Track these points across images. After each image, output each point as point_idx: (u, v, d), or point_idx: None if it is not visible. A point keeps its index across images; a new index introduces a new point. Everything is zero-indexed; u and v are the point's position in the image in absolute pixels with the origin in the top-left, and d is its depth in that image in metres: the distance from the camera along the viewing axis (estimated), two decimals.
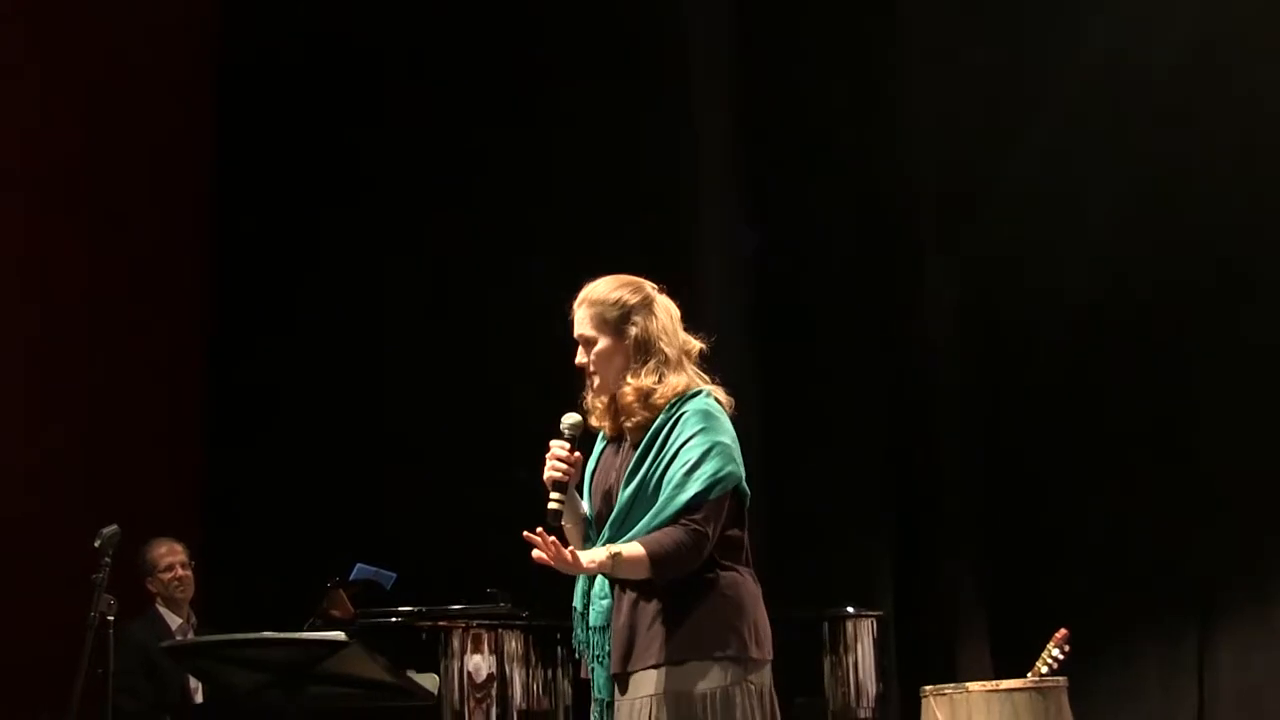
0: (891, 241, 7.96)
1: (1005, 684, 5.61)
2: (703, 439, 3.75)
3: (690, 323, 3.99)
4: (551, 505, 3.80)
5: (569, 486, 3.83)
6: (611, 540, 3.78)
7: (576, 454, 3.85)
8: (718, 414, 3.83)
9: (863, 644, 6.16)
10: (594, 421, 3.93)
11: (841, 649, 6.11)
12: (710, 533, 3.73)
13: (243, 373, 8.65)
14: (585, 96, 8.16)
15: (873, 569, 7.64)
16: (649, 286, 3.96)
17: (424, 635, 5.75)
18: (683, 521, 3.71)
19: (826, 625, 6.14)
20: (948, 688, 5.66)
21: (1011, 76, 7.59)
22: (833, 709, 6.11)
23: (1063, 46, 7.53)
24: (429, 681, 5.26)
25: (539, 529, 3.70)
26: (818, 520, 7.76)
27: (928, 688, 5.70)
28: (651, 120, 8.06)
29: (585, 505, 3.95)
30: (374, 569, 6.20)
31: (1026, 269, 7.56)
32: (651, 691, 3.69)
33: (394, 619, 5.96)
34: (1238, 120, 7.22)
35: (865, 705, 6.14)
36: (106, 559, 5.27)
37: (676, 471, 3.74)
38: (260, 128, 8.85)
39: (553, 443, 3.83)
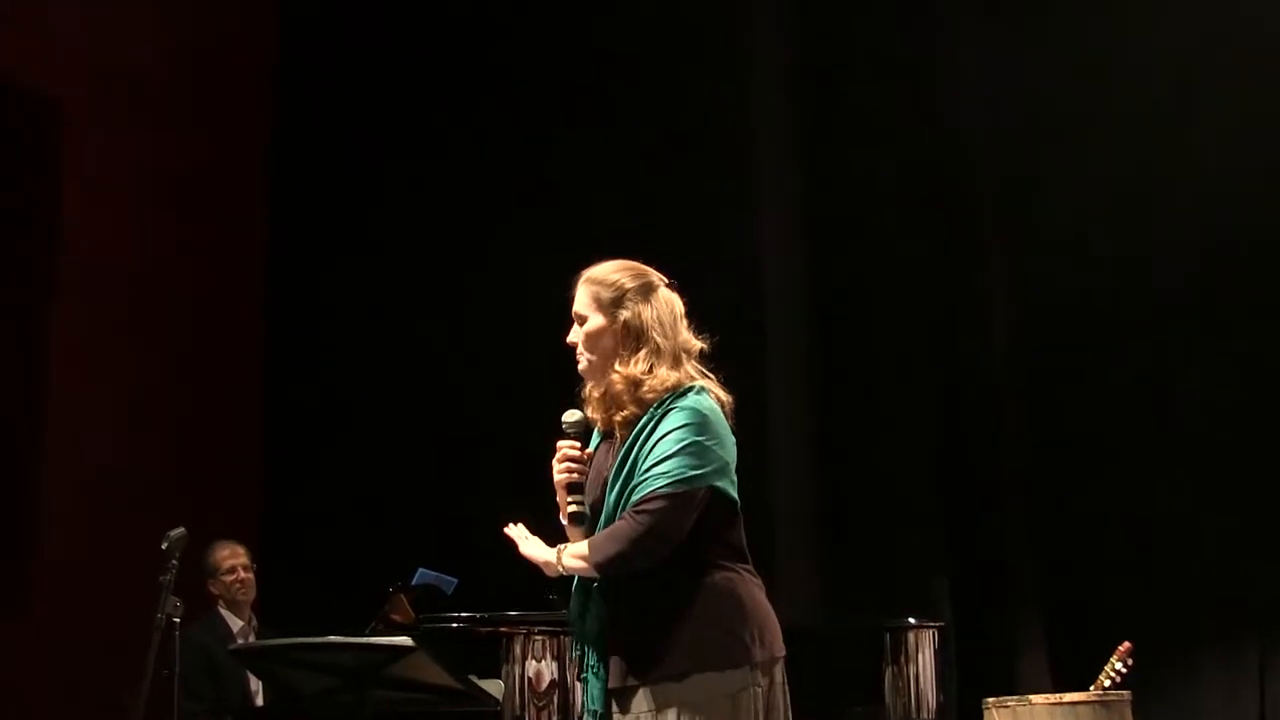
0: (947, 238, 7.92)
1: (1069, 697, 5.60)
2: (679, 435, 3.62)
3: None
4: (573, 509, 3.75)
5: (583, 488, 3.76)
6: None
7: (586, 450, 3.80)
8: (707, 412, 3.68)
9: (924, 654, 6.12)
10: (590, 413, 3.80)
11: (903, 659, 6.08)
12: (658, 526, 3.58)
13: (305, 377, 8.69)
14: (640, 87, 8.18)
15: (931, 578, 7.61)
16: (654, 275, 3.86)
17: (485, 641, 5.77)
18: (626, 514, 3.61)
19: (888, 635, 6.11)
20: (1010, 699, 5.64)
21: (1070, 71, 7.54)
22: (893, 718, 6.08)
23: (1123, 38, 7.46)
24: (494, 688, 5.26)
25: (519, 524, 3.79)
26: (877, 529, 7.74)
27: (990, 699, 5.68)
28: (708, 114, 8.06)
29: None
30: (436, 574, 6.21)
31: (1084, 265, 7.48)
32: (652, 707, 3.59)
33: (455, 624, 5.96)
34: None
35: (926, 716, 6.10)
36: (174, 561, 5.31)
37: (644, 465, 3.63)
38: (319, 126, 8.92)
39: (561, 444, 3.77)
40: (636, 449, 3.66)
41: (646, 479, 3.61)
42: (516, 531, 3.86)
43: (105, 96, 8.19)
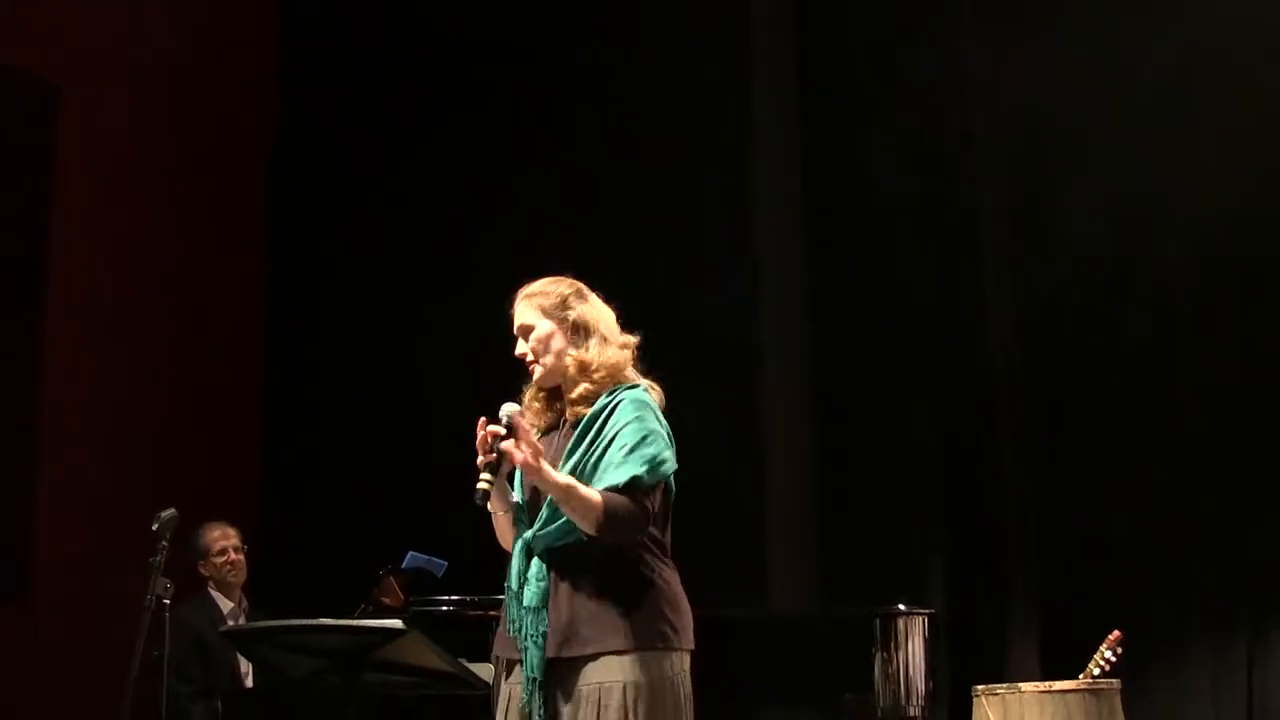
0: (951, 245, 7.93)
1: (1058, 685, 5.59)
2: (639, 425, 3.87)
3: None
4: (481, 485, 3.87)
5: (500, 470, 3.89)
6: (542, 524, 3.88)
7: (511, 439, 3.87)
8: (654, 406, 3.96)
9: (914, 642, 6.13)
10: (530, 418, 4.05)
11: (893, 646, 6.09)
12: (653, 512, 3.85)
13: (299, 359, 8.70)
14: (639, 90, 8.18)
15: (925, 567, 7.63)
16: (580, 284, 4.13)
17: (474, 624, 5.77)
18: (633, 495, 3.81)
19: (878, 622, 6.11)
20: (1000, 687, 5.63)
21: (1074, 84, 7.55)
22: (883, 706, 6.08)
23: (1129, 49, 7.47)
24: (484, 671, 5.27)
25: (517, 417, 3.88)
26: (870, 518, 7.75)
27: (980, 687, 5.68)
28: (707, 118, 8.08)
29: (516, 494, 4.03)
30: (426, 557, 6.21)
31: (1085, 271, 7.53)
32: (598, 681, 3.78)
33: (445, 607, 5.97)
34: None
35: (915, 703, 6.11)
36: (164, 542, 5.30)
37: (615, 454, 3.84)
38: (321, 123, 8.93)
39: (489, 426, 3.89)
40: (592, 434, 3.90)
41: (625, 464, 3.83)
42: (530, 439, 3.89)
43: (106, 88, 8.16)
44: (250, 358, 8.80)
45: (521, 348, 4.08)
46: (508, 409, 3.95)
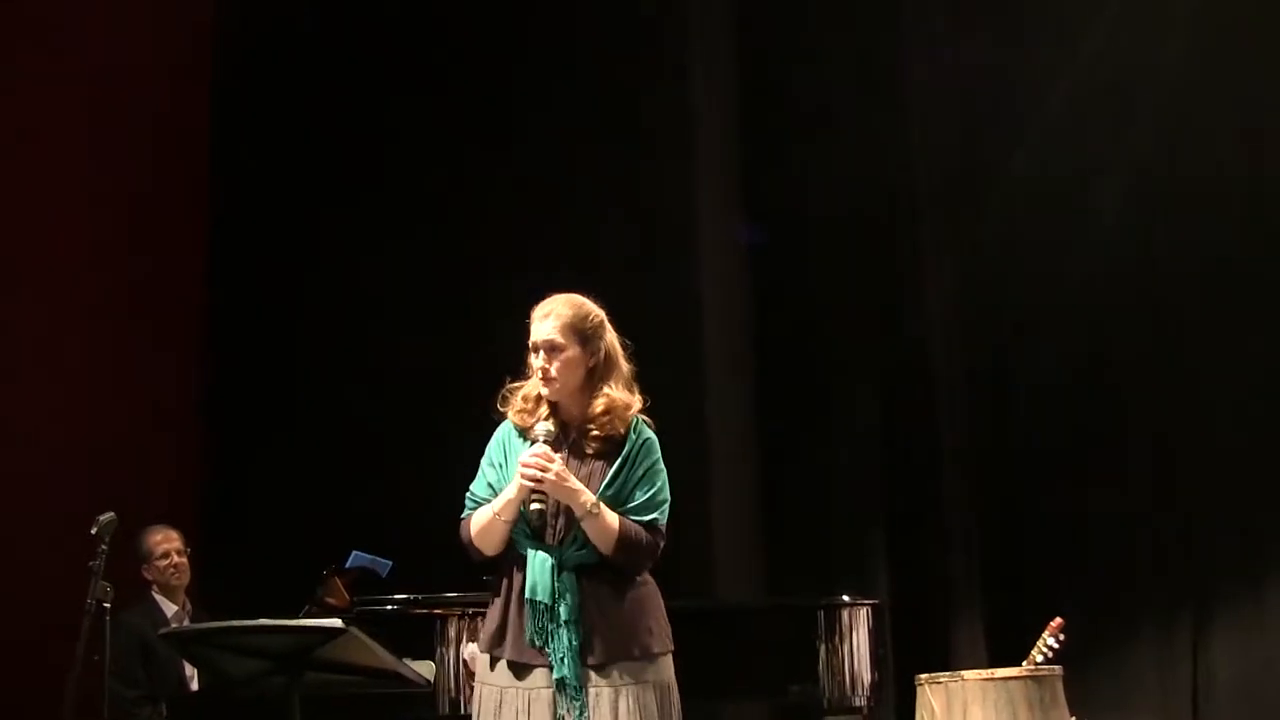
0: (890, 233, 7.97)
1: (1000, 672, 5.61)
2: (661, 470, 4.28)
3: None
4: (535, 506, 4.16)
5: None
6: (577, 545, 4.19)
7: (556, 457, 4.20)
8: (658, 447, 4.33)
9: (858, 632, 6.14)
10: (518, 418, 4.30)
11: (837, 637, 6.10)
12: (659, 552, 4.27)
13: (241, 360, 8.65)
14: (582, 89, 8.18)
15: (868, 557, 7.66)
16: (603, 313, 4.35)
17: (420, 622, 5.77)
18: (650, 531, 4.23)
19: (822, 613, 6.13)
20: (943, 676, 5.65)
21: (1012, 71, 7.60)
22: (828, 697, 6.10)
23: (1064, 38, 7.53)
24: (425, 669, 5.27)
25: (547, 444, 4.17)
26: (814, 509, 7.78)
27: (923, 676, 5.70)
28: (650, 115, 8.09)
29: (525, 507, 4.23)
30: (370, 557, 6.20)
31: (1025, 262, 7.57)
32: (632, 681, 4.16)
33: (390, 606, 5.97)
34: (1243, 116, 7.23)
35: (861, 694, 6.13)
36: (103, 546, 5.28)
37: (644, 493, 4.23)
38: (257, 106, 8.88)
39: (540, 448, 4.18)
40: (629, 466, 4.24)
41: (650, 507, 4.23)
42: (545, 450, 4.18)
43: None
44: (190, 358, 8.75)
45: (543, 361, 4.24)
46: (546, 428, 4.22)
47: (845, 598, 6.25)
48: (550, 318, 4.25)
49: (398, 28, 8.67)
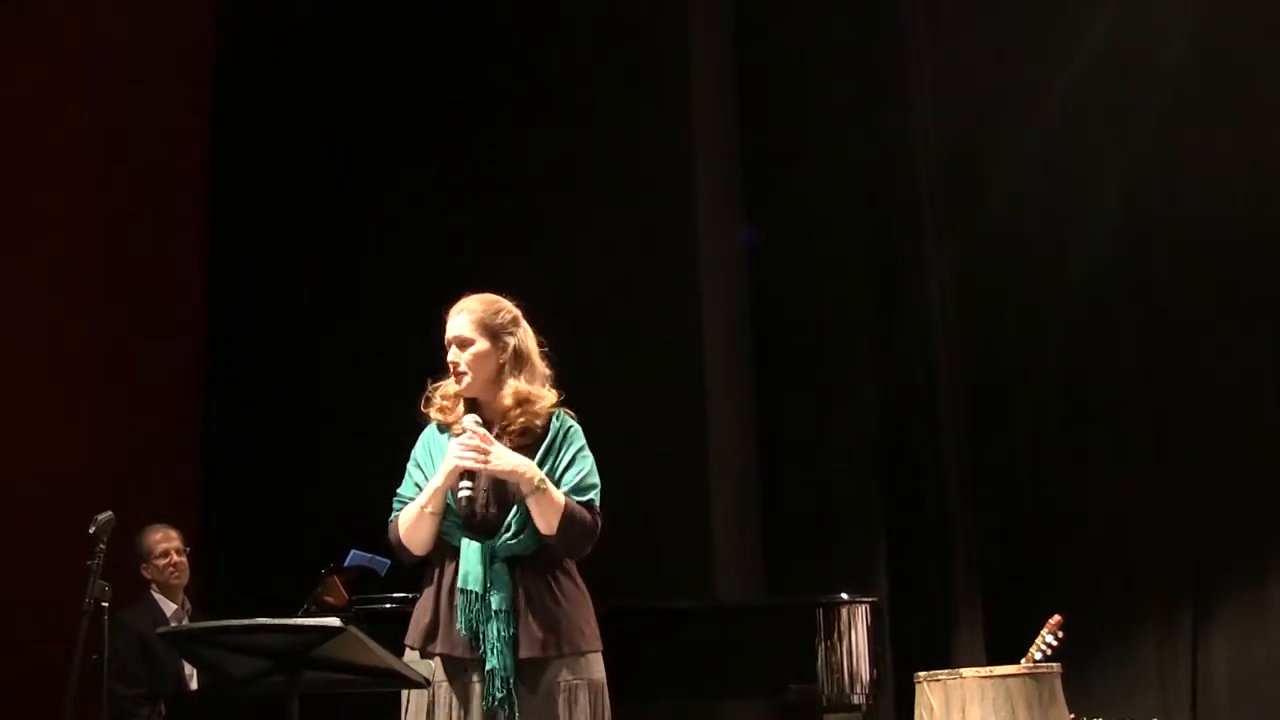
0: (889, 235, 7.97)
1: (999, 670, 5.62)
2: (588, 455, 4.27)
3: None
4: (463, 493, 4.15)
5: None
6: (512, 534, 4.15)
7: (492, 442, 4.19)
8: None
9: (857, 630, 6.14)
10: (439, 415, 4.34)
11: (836, 636, 6.09)
12: (598, 533, 4.22)
13: (241, 359, 8.65)
14: (583, 90, 8.18)
15: (868, 555, 7.66)
16: (518, 311, 4.36)
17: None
18: (589, 511, 4.19)
19: (821, 611, 6.12)
20: (942, 673, 5.66)
21: (1012, 71, 7.61)
22: (827, 695, 6.09)
23: (1065, 39, 7.53)
24: (424, 668, 5.26)
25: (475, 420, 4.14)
26: (813, 507, 7.78)
27: (922, 674, 5.70)
28: (649, 114, 8.09)
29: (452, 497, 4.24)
30: (369, 555, 6.20)
31: (1023, 262, 7.60)
32: (565, 679, 4.15)
33: (388, 605, 5.96)
34: (1243, 114, 7.23)
35: (859, 692, 6.12)
36: (101, 545, 5.28)
37: (574, 477, 4.21)
38: (256, 110, 8.89)
39: (475, 429, 4.17)
40: (554, 454, 4.23)
41: (583, 490, 4.20)
42: (482, 431, 4.18)
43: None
44: (190, 357, 8.75)
45: (455, 356, 4.28)
46: (471, 420, 4.22)
47: (844, 596, 6.24)
48: (463, 314, 4.31)
49: (398, 28, 8.67)
